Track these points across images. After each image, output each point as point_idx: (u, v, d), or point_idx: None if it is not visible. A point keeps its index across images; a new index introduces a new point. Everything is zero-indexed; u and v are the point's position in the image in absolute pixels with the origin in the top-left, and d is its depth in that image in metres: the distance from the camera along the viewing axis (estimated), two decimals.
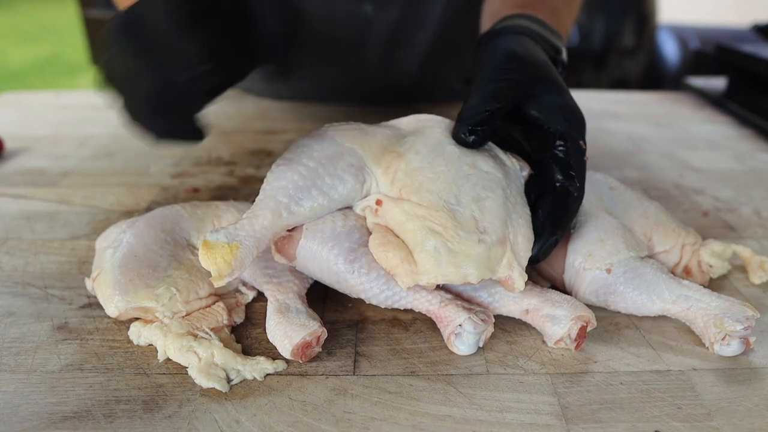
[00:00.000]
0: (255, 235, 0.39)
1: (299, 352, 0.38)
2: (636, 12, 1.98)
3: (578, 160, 0.42)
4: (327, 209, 0.42)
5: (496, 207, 0.40)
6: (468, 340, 0.39)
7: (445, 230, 0.39)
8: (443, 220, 0.39)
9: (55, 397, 0.36)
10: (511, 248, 0.39)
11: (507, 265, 0.39)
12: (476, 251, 0.38)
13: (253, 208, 0.41)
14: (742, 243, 0.55)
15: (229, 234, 0.39)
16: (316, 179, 0.41)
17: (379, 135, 0.44)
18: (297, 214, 0.41)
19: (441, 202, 0.40)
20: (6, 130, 0.79)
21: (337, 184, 0.41)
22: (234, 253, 0.38)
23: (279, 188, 0.41)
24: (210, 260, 0.38)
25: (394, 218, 0.41)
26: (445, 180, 0.41)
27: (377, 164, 0.43)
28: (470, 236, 0.39)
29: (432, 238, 0.39)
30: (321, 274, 0.42)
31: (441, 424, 0.34)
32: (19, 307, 0.44)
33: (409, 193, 0.41)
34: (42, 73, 3.79)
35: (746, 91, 0.92)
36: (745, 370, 0.39)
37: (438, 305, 0.40)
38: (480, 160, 0.42)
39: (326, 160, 0.42)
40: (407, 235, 0.40)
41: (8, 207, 0.60)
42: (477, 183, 0.41)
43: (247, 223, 0.39)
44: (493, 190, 0.41)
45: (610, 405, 0.36)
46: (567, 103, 0.44)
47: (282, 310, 0.40)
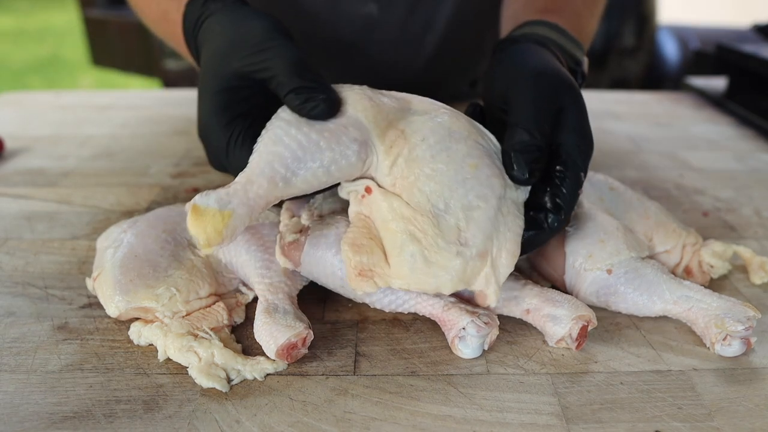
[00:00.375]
0: (248, 203, 0.37)
1: (284, 353, 0.38)
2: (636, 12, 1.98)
3: (571, 190, 0.40)
4: (325, 183, 0.39)
5: (484, 219, 0.39)
6: (472, 343, 0.39)
7: (425, 237, 0.38)
8: (426, 225, 0.38)
9: (55, 397, 0.36)
10: (492, 263, 0.38)
11: (484, 279, 0.38)
12: (452, 263, 0.37)
13: (247, 171, 0.38)
14: (743, 243, 0.55)
15: (221, 200, 0.36)
16: (316, 152, 0.38)
17: (386, 105, 0.42)
18: (293, 185, 0.38)
19: (429, 205, 0.39)
20: (6, 130, 0.79)
21: (339, 159, 0.39)
22: (225, 222, 0.36)
23: (276, 155, 0.38)
24: (200, 227, 0.36)
25: (380, 212, 0.39)
26: (440, 181, 0.39)
27: (381, 140, 0.40)
28: (449, 247, 0.38)
29: (411, 244, 0.37)
30: (326, 279, 0.42)
31: (441, 424, 0.34)
32: (19, 307, 0.44)
33: (402, 188, 0.39)
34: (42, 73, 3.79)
35: (746, 91, 0.92)
36: (745, 370, 0.39)
37: (441, 309, 0.40)
38: (484, 163, 0.40)
39: (329, 133, 0.39)
40: (388, 234, 0.38)
41: (8, 207, 0.60)
42: (472, 190, 0.39)
43: (240, 190, 0.37)
44: (487, 200, 0.39)
45: (610, 405, 0.36)
46: (583, 127, 0.42)
47: (270, 311, 0.40)
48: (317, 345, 0.40)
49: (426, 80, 0.84)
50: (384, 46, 0.78)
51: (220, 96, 0.41)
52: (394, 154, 0.40)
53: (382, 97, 0.42)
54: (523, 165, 0.40)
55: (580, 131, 0.42)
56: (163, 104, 0.93)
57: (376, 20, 0.76)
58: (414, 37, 0.78)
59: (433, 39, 0.79)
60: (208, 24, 0.46)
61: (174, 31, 0.53)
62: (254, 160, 0.39)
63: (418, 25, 0.78)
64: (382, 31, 0.77)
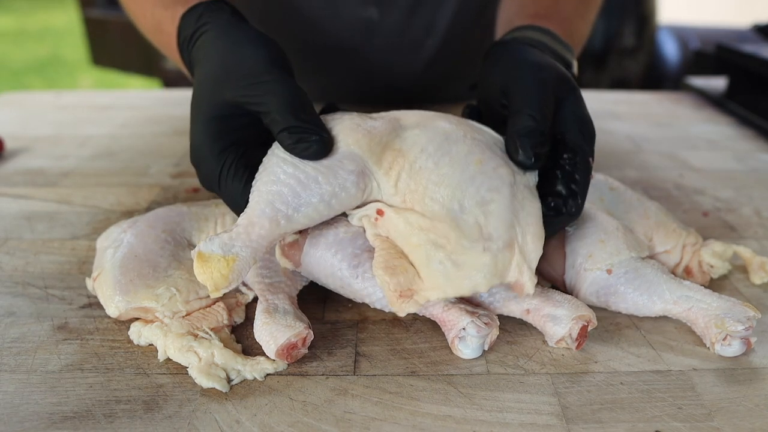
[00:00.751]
0: (252, 246, 0.38)
1: (284, 353, 0.38)
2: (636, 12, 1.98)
3: (584, 175, 0.41)
4: (326, 217, 0.40)
5: (502, 209, 0.39)
6: (472, 343, 0.39)
7: (448, 242, 0.37)
8: (446, 231, 0.38)
9: (55, 397, 0.36)
10: (520, 250, 0.38)
11: (516, 268, 0.38)
12: (482, 261, 0.37)
13: (247, 213, 0.39)
14: (743, 243, 0.55)
15: (224, 245, 0.37)
16: (315, 187, 0.39)
17: (378, 130, 0.42)
18: (295, 222, 0.39)
19: (444, 211, 0.39)
20: (6, 130, 0.79)
21: (339, 192, 0.39)
22: (230, 266, 0.37)
23: (276, 194, 0.39)
24: (206, 274, 0.37)
25: (397, 229, 0.39)
26: (449, 184, 0.39)
27: (379, 165, 0.41)
28: (475, 246, 0.38)
29: (437, 252, 0.37)
30: (326, 279, 0.42)
31: (441, 424, 0.34)
32: (19, 307, 0.44)
33: (413, 201, 0.39)
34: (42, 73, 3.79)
35: (746, 91, 0.92)
36: (745, 370, 0.39)
37: (441, 309, 0.40)
38: (487, 156, 0.41)
39: (326, 168, 0.39)
40: (411, 249, 0.38)
41: (8, 207, 0.60)
42: (482, 184, 0.39)
43: (243, 233, 0.38)
44: (499, 191, 0.39)
45: (610, 405, 0.36)
46: (583, 114, 0.43)
47: (270, 311, 0.40)
48: (317, 345, 0.40)
49: (426, 84, 0.84)
50: (384, 49, 0.78)
51: (212, 123, 0.41)
52: (395, 173, 0.40)
53: (372, 121, 0.43)
54: (528, 149, 0.40)
55: (582, 119, 0.43)
56: (163, 104, 0.93)
57: (376, 24, 0.76)
58: (414, 41, 0.78)
59: (433, 43, 0.79)
60: (203, 41, 0.46)
61: (168, 42, 0.53)
62: (254, 201, 0.39)
63: (418, 29, 0.77)
64: (382, 35, 0.77)
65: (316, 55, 0.81)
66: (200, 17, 0.46)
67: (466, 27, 0.79)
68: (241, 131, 0.42)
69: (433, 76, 0.83)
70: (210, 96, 0.42)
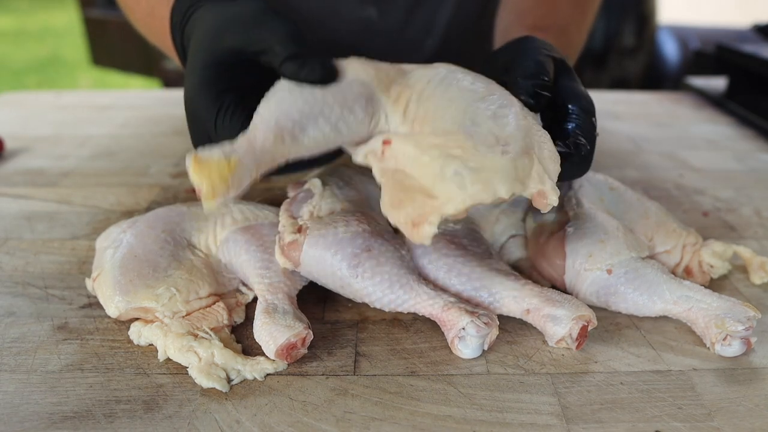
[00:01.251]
0: (255, 154, 0.35)
1: (283, 353, 0.38)
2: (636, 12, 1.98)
3: (589, 132, 0.41)
4: (332, 142, 0.38)
5: (516, 120, 0.37)
6: (472, 343, 0.39)
7: (464, 151, 0.35)
8: (461, 141, 0.36)
9: (55, 397, 0.36)
10: (539, 160, 0.37)
11: (537, 178, 0.36)
12: (501, 163, 0.35)
13: (250, 128, 0.36)
14: (743, 243, 0.55)
15: (225, 150, 0.34)
16: (324, 107, 0.37)
17: (385, 67, 0.41)
18: (300, 141, 0.36)
19: (456, 126, 0.36)
20: (6, 130, 0.79)
21: (347, 115, 0.37)
22: (232, 169, 0.33)
23: (282, 111, 0.36)
24: (203, 175, 0.33)
25: (407, 155, 0.37)
26: (459, 104, 0.37)
27: (387, 95, 0.39)
28: (493, 149, 0.35)
29: (451, 162, 0.35)
30: (325, 279, 0.42)
31: (441, 424, 0.34)
32: (19, 307, 0.44)
33: (423, 125, 0.37)
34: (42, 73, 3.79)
35: (746, 91, 0.92)
36: (745, 370, 0.39)
37: (441, 309, 0.40)
38: (493, 84, 0.40)
39: (335, 89, 0.38)
40: (423, 169, 0.36)
41: (8, 207, 0.60)
42: (493, 102, 0.38)
43: (245, 142, 0.35)
44: (511, 105, 0.38)
45: (610, 405, 0.36)
46: (581, 89, 0.44)
47: (269, 311, 0.40)
48: (317, 345, 0.41)
49: None
50: (383, 50, 0.78)
51: (210, 70, 0.40)
52: (403, 102, 0.39)
53: (379, 63, 0.42)
54: (529, 88, 0.41)
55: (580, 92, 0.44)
56: (163, 104, 0.93)
57: (375, 24, 0.76)
58: (413, 41, 0.78)
59: (432, 43, 0.79)
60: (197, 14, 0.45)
61: (160, 27, 0.52)
62: (258, 118, 0.37)
63: (417, 29, 0.77)
64: (381, 35, 0.77)
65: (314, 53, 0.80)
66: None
67: (465, 27, 0.79)
68: (240, 78, 0.41)
69: None
70: (209, 45, 0.41)
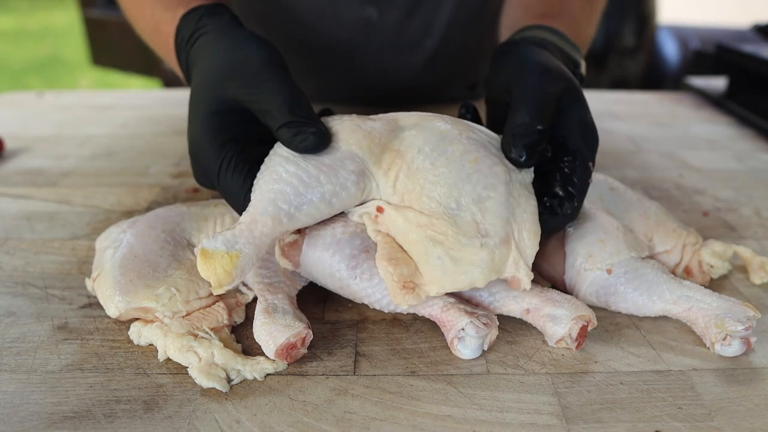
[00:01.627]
0: (255, 242, 0.38)
1: (283, 353, 0.38)
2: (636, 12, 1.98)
3: (582, 179, 0.41)
4: (327, 215, 0.41)
5: (498, 206, 0.39)
6: (471, 344, 0.39)
7: (446, 239, 0.38)
8: (444, 227, 0.39)
9: (55, 397, 0.36)
10: (516, 246, 0.39)
11: (513, 264, 0.39)
12: (479, 256, 0.38)
13: (250, 211, 0.39)
14: (743, 243, 0.55)
15: (227, 242, 0.38)
16: (317, 186, 0.40)
17: (377, 131, 0.43)
18: (297, 220, 0.40)
19: (441, 208, 0.39)
20: (6, 130, 0.79)
21: (340, 191, 0.40)
22: (234, 263, 0.37)
23: (278, 192, 0.39)
24: (209, 270, 0.37)
25: (396, 226, 0.40)
26: (446, 183, 0.40)
27: (378, 166, 0.41)
28: (472, 242, 0.38)
29: (435, 247, 0.38)
30: (325, 280, 0.42)
31: (441, 424, 0.34)
32: (19, 307, 0.44)
33: (411, 200, 0.40)
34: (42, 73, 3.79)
35: (746, 91, 0.92)
36: (745, 370, 0.39)
37: (440, 309, 0.40)
38: (483, 155, 0.41)
39: (327, 167, 0.40)
40: (410, 245, 0.39)
41: (8, 207, 0.60)
42: (478, 182, 0.40)
43: (246, 230, 0.38)
44: (495, 188, 0.40)
45: (610, 405, 0.36)
46: (586, 120, 0.44)
47: (269, 311, 0.40)
48: (317, 345, 0.41)
49: (425, 84, 0.84)
50: (383, 49, 0.78)
51: (214, 118, 0.42)
52: (394, 173, 0.41)
53: (371, 122, 0.44)
54: (520, 146, 0.40)
55: (584, 124, 0.43)
56: (163, 104, 0.93)
57: (375, 24, 0.77)
58: (413, 41, 0.78)
59: (432, 43, 0.79)
60: (202, 41, 0.46)
61: (166, 43, 0.53)
62: (256, 199, 0.40)
63: (417, 29, 0.77)
64: (381, 35, 0.77)
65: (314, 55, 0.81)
66: (200, 19, 0.47)
67: (464, 27, 0.79)
68: (241, 127, 0.43)
69: (432, 77, 0.83)
70: (211, 92, 0.43)
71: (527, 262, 0.39)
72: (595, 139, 0.43)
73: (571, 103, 0.44)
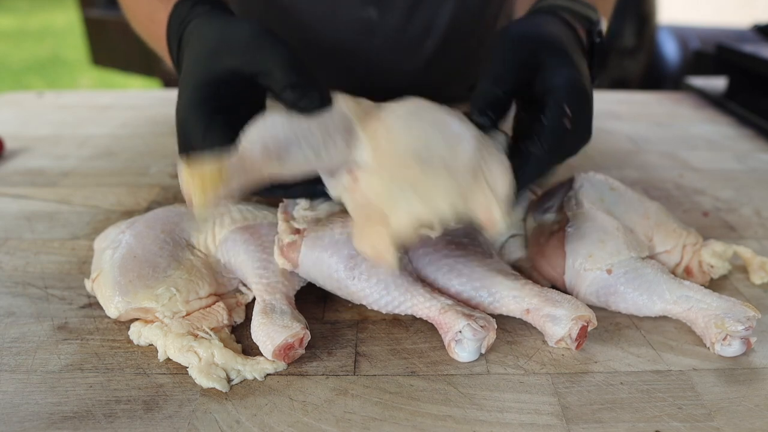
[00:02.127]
0: (244, 166, 0.37)
1: (281, 353, 0.38)
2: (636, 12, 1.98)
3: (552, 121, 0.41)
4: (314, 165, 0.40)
5: (468, 148, 0.39)
6: (468, 347, 0.39)
7: (415, 178, 0.38)
8: (414, 170, 0.38)
9: (55, 397, 0.36)
10: (487, 182, 0.38)
11: (484, 199, 0.38)
12: (444, 183, 0.38)
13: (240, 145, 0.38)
14: (743, 243, 0.55)
15: (217, 158, 0.36)
16: (308, 135, 0.39)
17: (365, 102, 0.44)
18: (284, 161, 0.38)
19: (413, 158, 0.39)
20: (6, 130, 0.79)
21: (329, 142, 0.40)
22: (223, 175, 0.35)
23: (270, 135, 0.38)
24: (195, 180, 0.35)
25: (371, 185, 0.39)
26: (417, 135, 0.40)
27: (364, 127, 0.41)
28: (438, 172, 0.38)
29: (403, 190, 0.38)
30: (323, 281, 0.42)
31: (441, 424, 0.34)
32: (19, 307, 0.44)
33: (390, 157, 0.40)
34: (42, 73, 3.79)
35: (746, 91, 0.91)
36: (745, 370, 0.39)
37: (438, 311, 0.40)
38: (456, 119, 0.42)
39: (318, 121, 0.40)
40: (383, 198, 0.39)
41: (8, 207, 0.60)
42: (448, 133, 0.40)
43: (235, 160, 0.37)
44: (464, 134, 0.40)
45: (610, 405, 0.36)
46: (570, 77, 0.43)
47: (267, 311, 0.40)
48: (317, 345, 0.41)
49: (425, 84, 0.84)
50: (383, 50, 0.78)
51: (204, 88, 0.42)
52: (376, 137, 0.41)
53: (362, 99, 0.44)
54: (481, 107, 0.42)
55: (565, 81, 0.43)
56: (163, 104, 0.93)
57: (375, 24, 0.76)
58: (413, 42, 0.78)
59: (432, 43, 0.79)
60: (194, 25, 0.47)
61: (158, 32, 0.53)
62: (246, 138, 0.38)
63: (417, 30, 0.77)
64: (381, 35, 0.77)
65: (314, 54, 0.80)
66: (193, 6, 0.48)
67: (465, 27, 0.79)
68: (230, 98, 0.42)
69: (433, 77, 0.83)
70: (205, 64, 0.43)
71: (499, 200, 0.38)
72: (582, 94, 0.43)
73: (549, 57, 0.44)
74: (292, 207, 0.46)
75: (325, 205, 0.46)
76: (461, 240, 0.45)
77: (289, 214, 0.45)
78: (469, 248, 0.45)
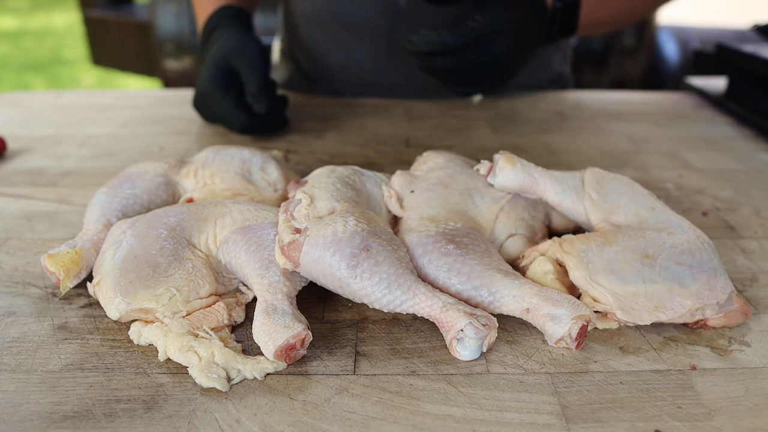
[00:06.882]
0: (93, 242, 0.47)
1: (282, 354, 0.38)
2: None
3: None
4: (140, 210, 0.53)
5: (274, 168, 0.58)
6: (470, 345, 0.39)
7: (247, 190, 0.56)
8: (244, 185, 0.56)
9: (55, 396, 0.36)
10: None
11: None
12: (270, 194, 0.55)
13: (84, 224, 0.50)
14: (742, 243, 0.55)
15: (69, 244, 0.46)
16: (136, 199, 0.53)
17: (172, 159, 0.59)
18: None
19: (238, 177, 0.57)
20: (6, 130, 0.79)
21: (155, 198, 0.54)
22: (79, 255, 0.45)
23: (105, 208, 0.51)
24: (58, 264, 0.44)
25: None
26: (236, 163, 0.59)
27: (178, 174, 0.57)
28: (266, 190, 0.56)
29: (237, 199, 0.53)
30: (325, 279, 0.42)
31: (441, 423, 0.34)
32: (19, 307, 0.44)
33: (212, 179, 0.57)
34: (42, 73, 3.79)
35: (746, 91, 0.91)
36: (745, 370, 0.39)
37: (439, 310, 0.40)
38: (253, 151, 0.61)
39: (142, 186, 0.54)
40: None
41: (9, 207, 0.60)
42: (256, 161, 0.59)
43: (83, 236, 0.47)
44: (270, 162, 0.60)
45: (610, 404, 0.36)
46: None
47: (268, 311, 0.40)
48: (317, 345, 0.41)
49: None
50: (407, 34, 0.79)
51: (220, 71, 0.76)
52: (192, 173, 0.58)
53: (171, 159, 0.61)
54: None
55: None
56: (163, 104, 0.93)
57: (401, 8, 0.87)
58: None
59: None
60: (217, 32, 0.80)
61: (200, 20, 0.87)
62: (89, 215, 0.51)
63: (440, 17, 0.84)
64: (406, 20, 0.88)
65: (343, 28, 0.92)
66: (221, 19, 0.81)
67: None
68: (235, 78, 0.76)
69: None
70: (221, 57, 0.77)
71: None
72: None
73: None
74: (293, 206, 0.46)
75: (326, 203, 0.46)
76: (461, 239, 0.45)
77: (290, 213, 0.45)
78: (469, 247, 0.45)
